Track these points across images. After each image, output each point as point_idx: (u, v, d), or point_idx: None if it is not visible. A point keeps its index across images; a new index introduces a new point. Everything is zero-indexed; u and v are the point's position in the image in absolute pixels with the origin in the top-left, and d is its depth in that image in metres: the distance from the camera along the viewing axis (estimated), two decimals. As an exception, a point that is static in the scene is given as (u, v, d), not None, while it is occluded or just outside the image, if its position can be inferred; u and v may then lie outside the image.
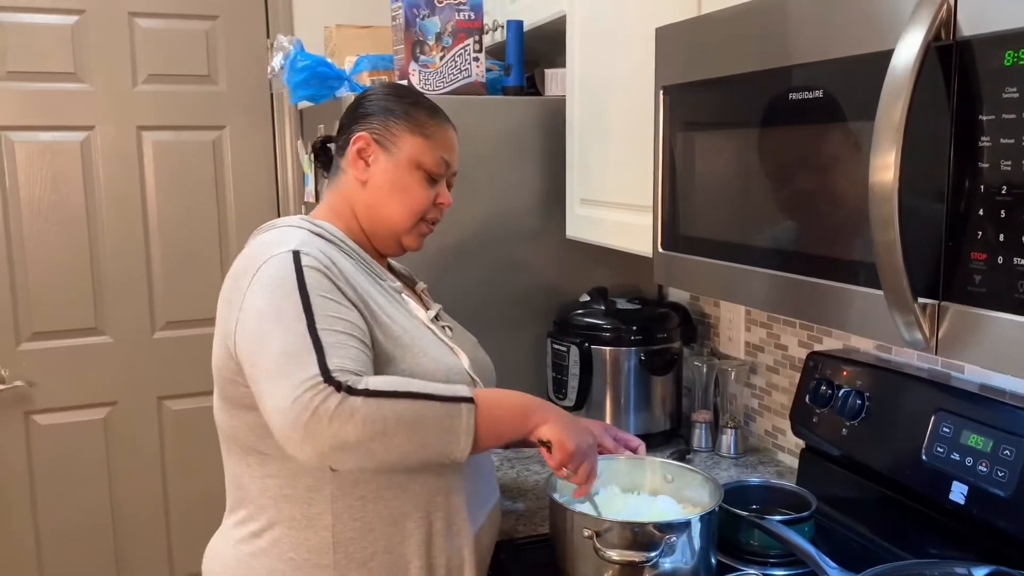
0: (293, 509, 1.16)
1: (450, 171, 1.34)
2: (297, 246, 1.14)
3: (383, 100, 1.32)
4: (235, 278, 1.17)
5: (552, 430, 1.15)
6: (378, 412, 1.01)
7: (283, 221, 1.26)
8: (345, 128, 1.33)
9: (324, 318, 1.08)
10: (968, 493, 1.16)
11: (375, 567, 1.17)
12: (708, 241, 1.23)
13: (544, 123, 1.90)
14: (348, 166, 1.30)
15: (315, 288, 1.10)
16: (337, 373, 1.02)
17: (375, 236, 1.31)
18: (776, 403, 1.77)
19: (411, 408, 1.04)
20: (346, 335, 1.09)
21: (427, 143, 1.29)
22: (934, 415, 1.24)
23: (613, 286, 1.96)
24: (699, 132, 1.25)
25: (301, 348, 1.04)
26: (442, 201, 1.33)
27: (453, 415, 1.07)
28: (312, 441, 1.00)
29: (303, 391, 1.00)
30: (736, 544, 1.31)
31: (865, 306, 0.95)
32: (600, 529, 1.15)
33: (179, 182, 2.58)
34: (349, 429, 1.00)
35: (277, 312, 1.08)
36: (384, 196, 1.28)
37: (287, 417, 1.00)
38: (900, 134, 0.82)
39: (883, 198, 0.84)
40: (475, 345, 1.39)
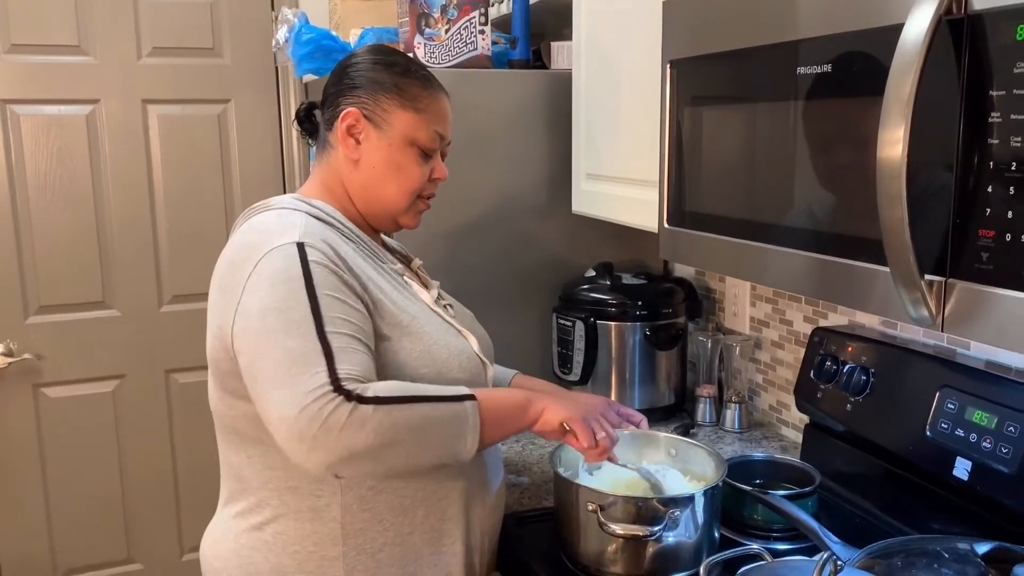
0: (299, 501, 1.14)
1: (444, 143, 1.28)
2: (301, 236, 1.09)
3: (371, 70, 1.24)
4: (231, 265, 1.11)
5: (556, 412, 1.15)
6: (388, 420, 1.00)
7: (277, 201, 1.20)
8: (331, 98, 1.26)
9: (333, 320, 1.04)
10: (972, 469, 1.16)
11: (384, 558, 1.15)
12: (714, 217, 1.22)
13: (550, 97, 1.89)
14: (337, 143, 1.24)
15: (323, 286, 1.06)
16: (346, 381, 1.00)
17: (370, 215, 1.27)
18: (780, 378, 1.77)
19: (419, 412, 1.03)
20: (353, 338, 1.05)
21: (420, 118, 1.23)
22: (939, 391, 1.24)
23: (619, 261, 1.96)
24: (706, 107, 1.24)
25: (310, 353, 1.01)
26: (438, 175, 1.28)
27: (460, 415, 1.06)
28: (320, 452, 0.98)
29: (311, 400, 0.97)
30: (739, 518, 1.32)
31: (871, 282, 0.94)
32: (604, 503, 1.16)
33: (185, 156, 2.58)
34: (360, 438, 0.98)
35: (283, 312, 1.03)
36: (378, 176, 1.23)
37: (294, 428, 0.98)
38: (909, 109, 0.81)
39: (891, 174, 0.83)
40: (474, 321, 1.37)
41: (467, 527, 1.21)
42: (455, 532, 1.20)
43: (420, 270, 1.39)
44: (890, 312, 0.93)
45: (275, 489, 1.15)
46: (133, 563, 2.71)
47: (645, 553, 1.17)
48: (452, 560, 1.20)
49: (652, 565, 1.17)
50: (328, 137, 1.27)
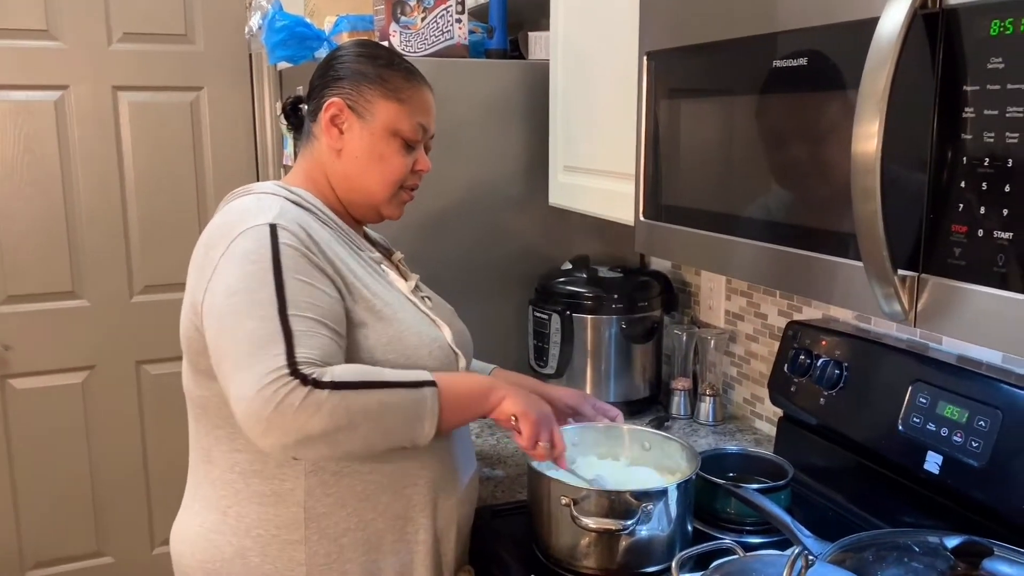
0: (262, 485, 1.14)
1: (427, 135, 1.29)
2: (275, 218, 1.10)
3: (355, 62, 1.25)
4: (207, 246, 1.13)
5: (513, 403, 1.16)
6: (343, 404, 1.01)
7: (258, 186, 1.21)
8: (316, 90, 1.27)
9: (297, 304, 1.05)
10: (943, 463, 1.17)
11: (347, 543, 1.15)
12: (690, 210, 1.22)
13: (528, 88, 1.87)
14: (321, 133, 1.25)
15: (291, 269, 1.07)
16: (303, 365, 1.00)
17: (352, 205, 1.27)
18: (755, 372, 1.77)
19: (376, 397, 1.04)
20: (317, 322, 1.06)
21: (403, 109, 1.24)
22: (911, 385, 1.25)
23: (595, 254, 1.95)
24: (683, 99, 1.23)
25: (270, 336, 1.02)
26: (421, 167, 1.29)
27: (418, 401, 1.07)
28: (275, 433, 0.99)
29: (268, 382, 0.98)
30: (712, 512, 1.32)
31: (845, 277, 0.94)
32: (577, 497, 1.16)
33: (156, 144, 2.54)
34: (314, 422, 0.99)
35: (248, 292, 1.04)
36: (360, 166, 1.24)
37: (250, 408, 0.99)
38: (884, 103, 0.81)
39: (865, 168, 0.83)
40: (453, 315, 1.37)
41: (434, 516, 1.21)
42: (420, 520, 1.20)
43: (401, 263, 1.39)
44: (863, 307, 0.93)
45: (241, 472, 1.16)
46: (103, 556, 2.68)
47: (618, 547, 1.16)
48: (417, 548, 1.20)
49: (625, 559, 1.17)
50: (312, 128, 1.28)
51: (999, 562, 0.95)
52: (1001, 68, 0.75)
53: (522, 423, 1.15)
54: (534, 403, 1.19)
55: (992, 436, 1.11)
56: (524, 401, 1.17)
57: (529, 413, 1.16)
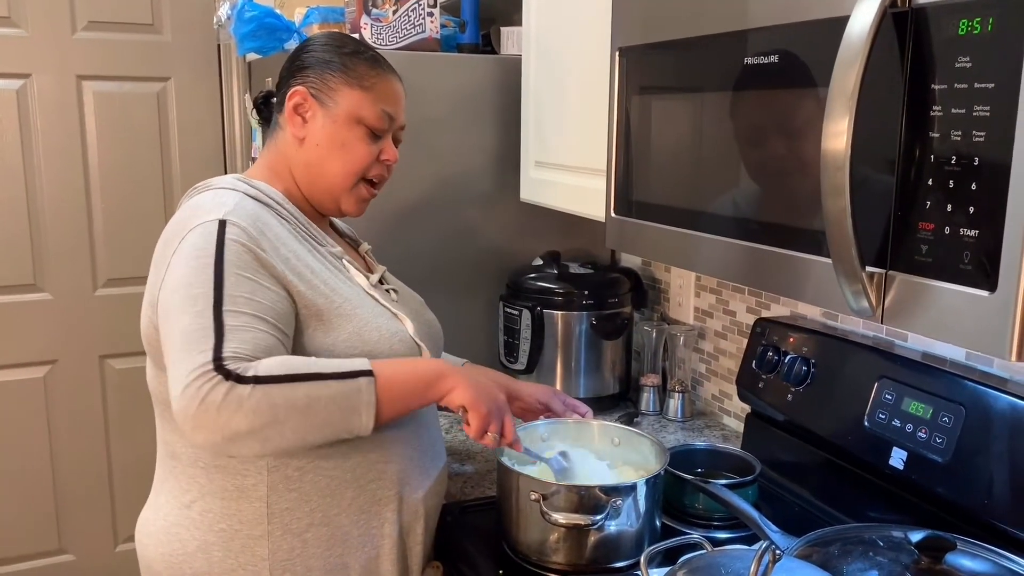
0: (225, 480, 1.14)
1: (395, 125, 1.27)
2: (225, 214, 1.09)
3: (321, 51, 1.25)
4: (164, 243, 1.13)
5: (462, 395, 1.13)
6: (266, 400, 0.98)
7: (218, 181, 1.20)
8: (283, 82, 1.27)
9: (234, 299, 1.03)
10: (907, 459, 1.18)
11: (310, 538, 1.14)
12: (661, 207, 1.22)
13: (499, 83, 1.87)
14: (285, 123, 1.24)
15: (232, 264, 1.05)
16: (229, 361, 0.99)
17: (313, 196, 1.26)
18: (723, 368, 1.78)
19: (304, 390, 1.01)
20: (254, 316, 1.04)
21: (367, 95, 1.22)
22: (877, 382, 1.26)
23: (566, 250, 1.95)
24: (655, 96, 1.23)
25: (201, 331, 1.01)
26: (386, 157, 1.26)
27: (351, 392, 1.04)
28: (202, 431, 0.98)
29: (192, 379, 0.97)
30: (681, 507, 1.32)
31: (813, 274, 0.95)
32: (547, 492, 1.15)
33: (122, 135, 2.50)
34: (238, 419, 0.97)
35: (188, 287, 1.04)
36: (322, 154, 1.22)
37: (178, 405, 0.98)
38: (854, 101, 0.81)
39: (835, 166, 0.83)
40: (422, 306, 1.36)
41: (399, 511, 1.20)
42: (386, 515, 1.19)
43: (368, 255, 1.38)
44: (831, 303, 0.93)
45: (204, 467, 1.15)
46: (65, 554, 2.63)
47: (587, 542, 1.16)
48: (383, 543, 1.19)
49: (594, 554, 1.17)
50: (278, 119, 1.27)
51: (961, 556, 0.96)
52: (968, 67, 0.76)
53: (471, 415, 1.14)
54: (484, 393, 1.15)
55: (956, 432, 1.13)
56: (473, 392, 1.13)
57: (478, 405, 1.13)
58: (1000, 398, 1.09)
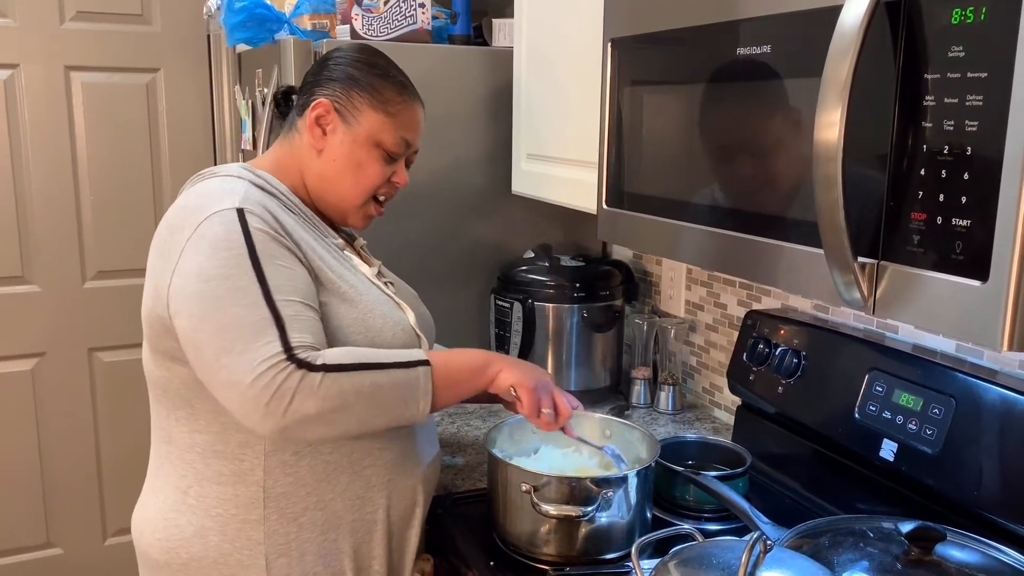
0: (222, 465, 1.14)
1: (410, 150, 1.29)
2: (241, 202, 1.10)
3: (351, 65, 1.25)
4: (171, 229, 1.12)
5: (511, 375, 1.17)
6: (336, 386, 1.03)
7: (222, 169, 1.21)
8: (308, 87, 1.28)
9: (280, 288, 1.06)
10: (897, 451, 1.19)
11: (305, 522, 1.15)
12: (653, 198, 1.22)
13: (491, 75, 1.86)
14: (304, 129, 1.24)
15: (266, 253, 1.07)
16: (299, 350, 1.03)
17: (321, 204, 1.27)
18: (714, 361, 1.79)
19: (370, 378, 1.06)
20: (302, 304, 1.08)
21: (390, 121, 1.24)
22: (868, 374, 1.26)
23: (558, 243, 1.95)
24: (647, 87, 1.23)
25: (261, 323, 1.03)
26: (398, 180, 1.29)
27: (411, 380, 1.09)
28: (273, 418, 1.01)
29: (265, 369, 1.00)
30: (672, 499, 1.32)
31: (805, 264, 0.95)
32: (538, 484, 1.15)
33: (110, 126, 2.48)
34: (310, 404, 1.02)
35: (226, 279, 1.05)
36: (337, 169, 1.24)
37: (247, 395, 1.01)
38: (846, 92, 0.81)
39: (827, 156, 0.83)
40: (416, 299, 1.37)
41: (390, 497, 1.21)
42: (378, 500, 1.20)
43: (363, 249, 1.39)
44: (823, 294, 0.93)
45: (200, 452, 1.15)
46: (53, 547, 2.62)
47: (578, 534, 1.16)
48: (375, 528, 1.20)
49: (584, 545, 1.17)
50: (297, 122, 1.28)
51: (951, 547, 0.96)
52: (962, 56, 0.75)
53: (521, 393, 1.17)
54: (531, 372, 1.20)
55: (946, 424, 1.13)
56: (521, 371, 1.18)
57: (526, 382, 1.17)
58: (990, 390, 1.10)
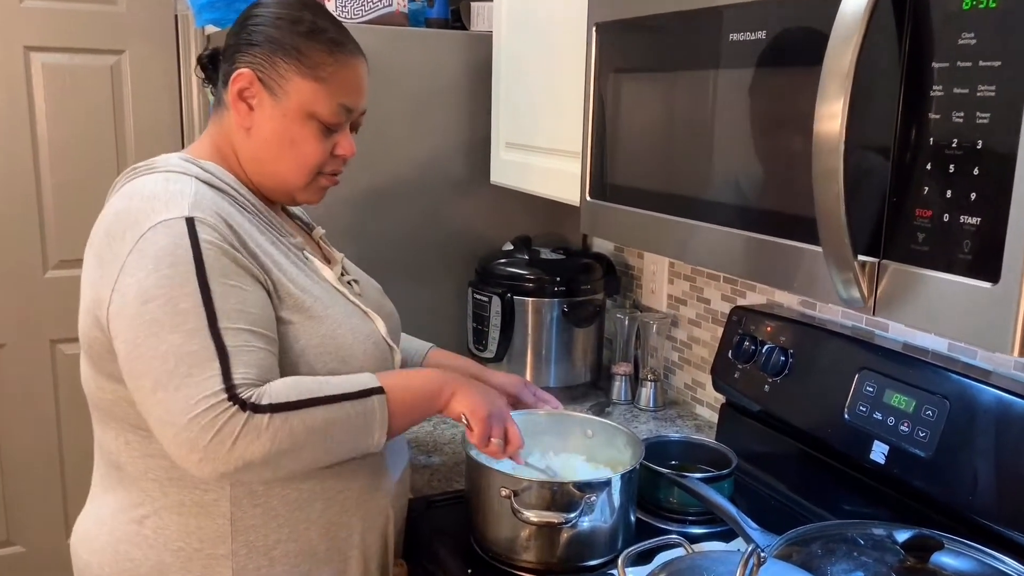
0: (183, 494, 1.04)
1: (353, 115, 1.14)
2: (190, 210, 0.98)
3: (272, 26, 1.09)
4: (110, 236, 1.00)
5: (463, 401, 1.11)
6: (286, 427, 0.95)
7: (162, 161, 1.07)
8: (229, 51, 1.12)
9: (228, 313, 0.95)
10: (888, 453, 1.15)
11: (278, 555, 1.06)
12: (639, 191, 1.17)
13: (469, 60, 1.80)
14: (230, 104, 1.10)
15: (216, 272, 0.96)
16: (242, 388, 0.93)
17: (264, 188, 1.14)
18: (697, 356, 1.75)
19: (322, 414, 0.98)
20: (252, 333, 0.97)
21: (322, 88, 1.08)
22: (858, 373, 1.23)
23: (537, 235, 1.90)
24: (633, 74, 1.18)
25: (201, 354, 0.93)
26: (341, 152, 1.13)
27: (366, 411, 1.02)
28: (212, 463, 0.92)
29: (203, 409, 0.91)
30: (655, 501, 1.28)
31: (799, 262, 0.91)
32: (518, 488, 1.10)
33: (73, 110, 2.38)
34: (255, 448, 0.93)
35: (168, 301, 0.94)
36: (271, 149, 1.10)
37: (182, 437, 0.92)
38: (849, 82, 0.77)
39: (828, 149, 0.79)
40: (381, 294, 1.29)
41: (365, 517, 1.14)
42: (353, 524, 1.12)
43: (323, 240, 1.29)
44: (817, 293, 0.89)
45: (156, 479, 1.05)
46: (13, 545, 2.54)
47: (559, 539, 1.12)
48: (350, 554, 1.13)
49: (566, 552, 1.12)
50: (223, 95, 1.14)
51: (947, 555, 0.93)
52: (973, 44, 0.71)
53: (472, 421, 1.11)
54: (484, 398, 1.13)
55: (939, 426, 1.09)
56: (474, 398, 1.11)
57: (479, 410, 1.11)
58: (985, 391, 1.06)
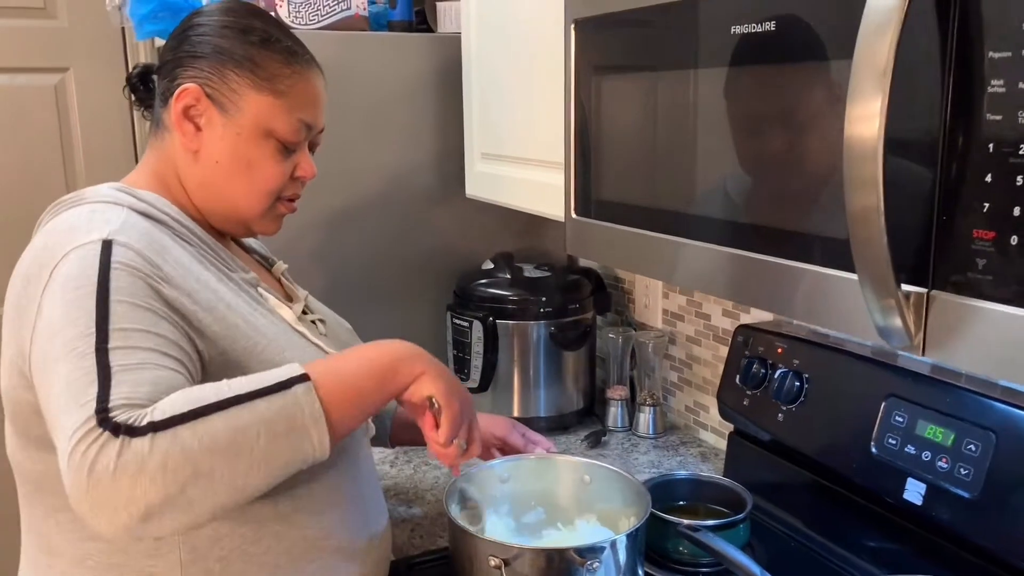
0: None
1: (313, 132, 1.03)
2: (111, 233, 0.85)
3: (219, 35, 0.98)
4: (26, 278, 0.87)
5: (433, 384, 0.90)
6: (175, 448, 0.73)
7: (92, 192, 0.94)
8: (167, 66, 1.00)
9: (124, 333, 0.79)
10: (926, 493, 1.02)
11: None
12: (629, 207, 1.03)
13: (438, 64, 1.66)
14: (173, 125, 0.98)
15: (120, 292, 0.81)
16: (117, 410, 0.73)
17: (215, 218, 1.02)
18: (697, 376, 1.61)
19: (222, 421, 0.75)
20: (153, 352, 0.79)
21: (279, 103, 0.98)
22: (884, 401, 1.09)
23: (519, 250, 1.76)
24: (619, 75, 1.04)
25: (83, 381, 0.75)
26: (301, 174, 1.03)
27: (287, 406, 0.79)
28: (104, 512, 0.72)
29: (75, 444, 0.72)
30: (663, 552, 1.14)
31: (825, 290, 0.77)
32: (509, 556, 0.96)
33: (16, 133, 2.23)
34: (144, 485, 0.72)
35: (64, 328, 0.79)
36: (222, 173, 0.98)
37: (67, 483, 0.73)
38: (887, 78, 0.63)
39: (863, 156, 0.65)
40: (351, 335, 1.15)
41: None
42: None
43: (285, 276, 1.15)
44: (854, 327, 0.76)
45: (95, 566, 0.89)
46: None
47: (559, 610, 0.98)
48: None
49: (567, 623, 0.98)
50: (163, 115, 1.01)
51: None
52: (1044, 28, 0.58)
53: (444, 410, 0.91)
54: (458, 387, 0.94)
55: (984, 462, 0.96)
56: (447, 382, 0.92)
57: (453, 400, 0.92)
58: (1037, 423, 0.93)
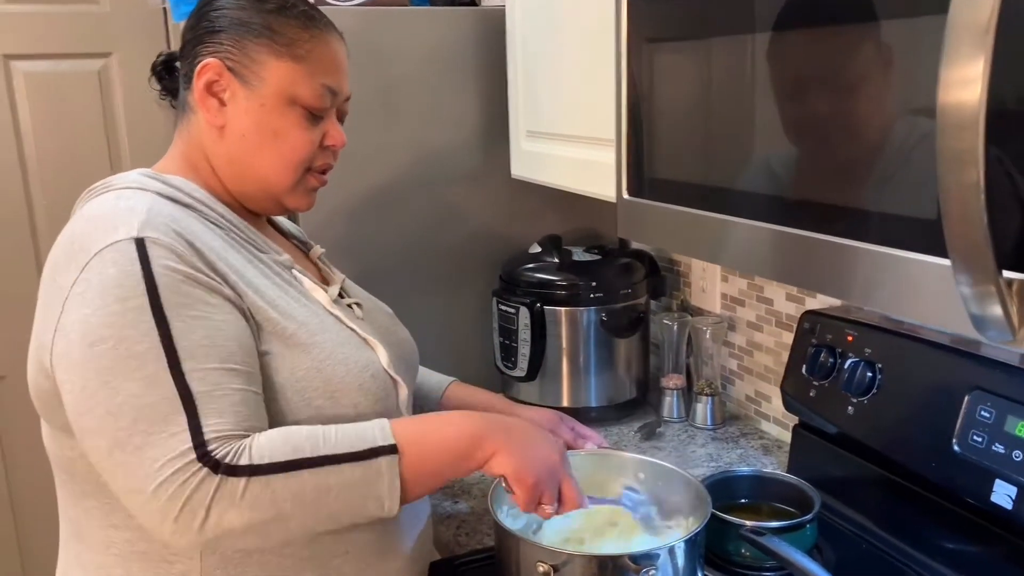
0: (147, 569, 0.89)
1: (339, 99, 1.01)
2: (140, 229, 0.83)
3: (235, 7, 0.96)
4: (55, 269, 0.86)
5: (504, 463, 0.90)
6: (267, 493, 0.80)
7: (120, 179, 0.93)
8: (188, 47, 0.98)
9: (193, 352, 0.81)
10: (1017, 496, 0.93)
11: None
12: (686, 185, 0.96)
13: (482, 39, 1.59)
14: (197, 104, 0.96)
15: (174, 302, 0.81)
16: (215, 444, 0.79)
17: (245, 196, 1.00)
18: (759, 364, 1.53)
19: (313, 480, 0.81)
20: (225, 371, 0.82)
21: (300, 68, 0.95)
22: (968, 395, 1.00)
23: (568, 232, 1.69)
24: (673, 44, 0.96)
25: (163, 406, 0.79)
26: (331, 142, 1.00)
27: (370, 477, 0.84)
28: (188, 535, 0.78)
29: (169, 474, 0.77)
30: (724, 555, 1.07)
31: (910, 276, 0.69)
32: (558, 563, 0.90)
33: (61, 120, 2.21)
34: (232, 517, 0.79)
35: (120, 342, 0.79)
36: (250, 146, 0.96)
37: (150, 507, 0.78)
38: (990, 36, 0.55)
39: (960, 125, 0.57)
40: (392, 320, 1.11)
41: None
42: None
43: (322, 260, 1.12)
44: (942, 318, 0.67)
45: (119, 554, 0.90)
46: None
47: (612, 619, 0.91)
48: None
49: (621, 633, 0.92)
50: (187, 97, 0.99)
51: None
52: None
53: (516, 488, 0.91)
54: (532, 456, 0.92)
55: (1086, 465, 0.87)
56: (520, 457, 0.91)
57: (524, 475, 0.90)
58: None
